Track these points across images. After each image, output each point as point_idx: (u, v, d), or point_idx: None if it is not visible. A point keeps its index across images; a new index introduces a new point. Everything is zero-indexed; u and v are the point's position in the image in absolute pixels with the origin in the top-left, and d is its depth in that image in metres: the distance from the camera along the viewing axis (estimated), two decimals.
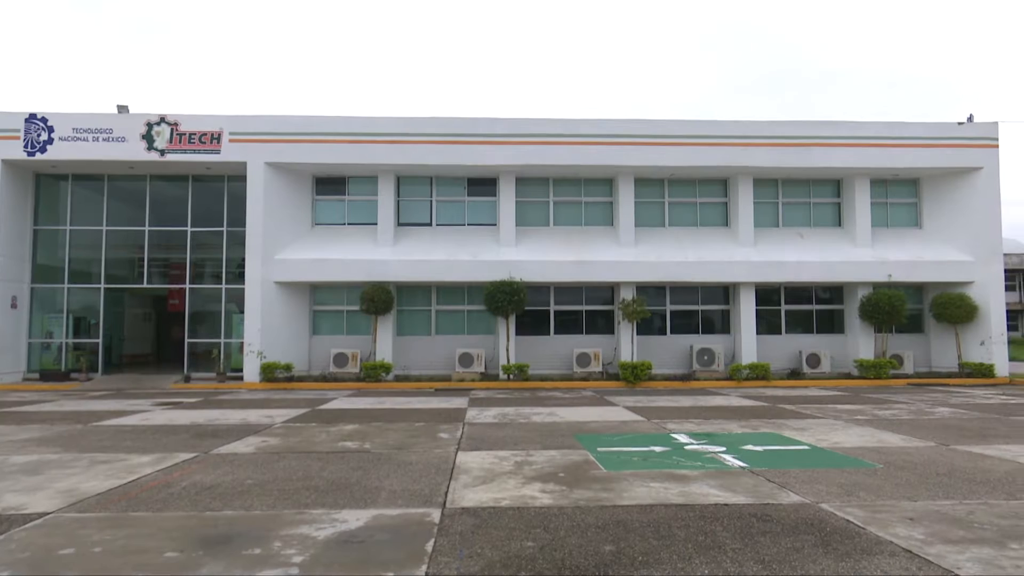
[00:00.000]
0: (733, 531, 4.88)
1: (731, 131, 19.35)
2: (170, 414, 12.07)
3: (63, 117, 18.37)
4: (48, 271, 19.71)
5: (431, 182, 20.25)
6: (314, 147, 18.76)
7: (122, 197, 20.01)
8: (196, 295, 19.97)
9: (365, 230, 19.75)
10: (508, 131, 19.01)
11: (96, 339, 19.73)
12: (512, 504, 5.63)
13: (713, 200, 20.67)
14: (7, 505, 5.61)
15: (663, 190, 20.53)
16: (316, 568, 4.13)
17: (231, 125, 18.58)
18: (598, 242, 19.74)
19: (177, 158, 18.44)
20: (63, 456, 7.84)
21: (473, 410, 12.59)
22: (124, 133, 18.35)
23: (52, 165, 18.87)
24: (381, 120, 19.03)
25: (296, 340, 19.19)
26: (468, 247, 19.33)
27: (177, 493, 6.03)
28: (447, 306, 20.11)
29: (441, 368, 19.44)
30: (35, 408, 12.99)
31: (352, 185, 20.08)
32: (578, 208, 20.49)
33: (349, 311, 19.71)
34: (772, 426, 10.41)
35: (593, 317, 20.28)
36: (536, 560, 4.27)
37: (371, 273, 18.67)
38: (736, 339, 19.90)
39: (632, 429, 10.16)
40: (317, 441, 8.96)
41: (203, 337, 19.95)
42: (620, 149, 19.11)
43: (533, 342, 19.70)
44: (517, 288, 18.23)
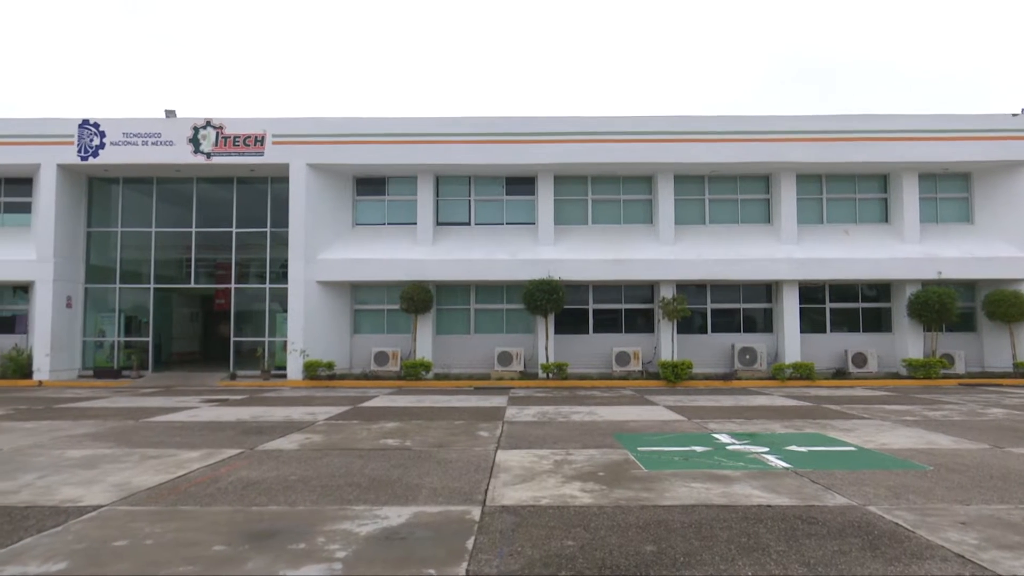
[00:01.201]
0: (777, 533, 4.81)
1: (773, 126, 19.02)
2: (217, 411, 12.35)
3: (114, 122, 18.94)
4: (101, 272, 20.35)
5: (470, 181, 20.34)
6: (354, 148, 19.01)
7: (170, 199, 20.55)
8: (241, 295, 20.41)
9: (405, 230, 19.94)
10: (546, 129, 18.99)
11: (146, 338, 20.30)
12: (552, 503, 5.63)
13: (755, 197, 20.35)
14: (64, 497, 5.81)
15: (703, 187, 20.28)
16: (359, 564, 4.18)
17: (274, 127, 18.94)
18: (637, 240, 19.59)
19: (222, 160, 18.86)
20: (116, 451, 8.09)
21: (512, 409, 12.61)
22: (172, 137, 18.84)
23: (104, 169, 19.46)
24: (420, 120, 19.19)
25: (338, 339, 19.47)
26: (506, 246, 19.37)
27: (224, 488, 6.17)
28: (486, 305, 20.18)
29: (480, 367, 19.52)
30: (89, 404, 13.43)
31: (392, 185, 20.29)
32: (617, 206, 20.37)
33: (389, 310, 19.92)
34: (817, 426, 10.21)
35: (632, 316, 20.13)
36: (576, 559, 4.26)
37: (410, 272, 18.85)
38: (779, 338, 19.56)
39: (673, 429, 10.07)
40: (359, 438, 9.07)
41: (248, 336, 20.39)
42: (659, 146, 18.93)
43: (572, 341, 19.65)
44: (555, 287, 18.20)
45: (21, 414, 11.77)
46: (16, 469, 7.02)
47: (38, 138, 18.92)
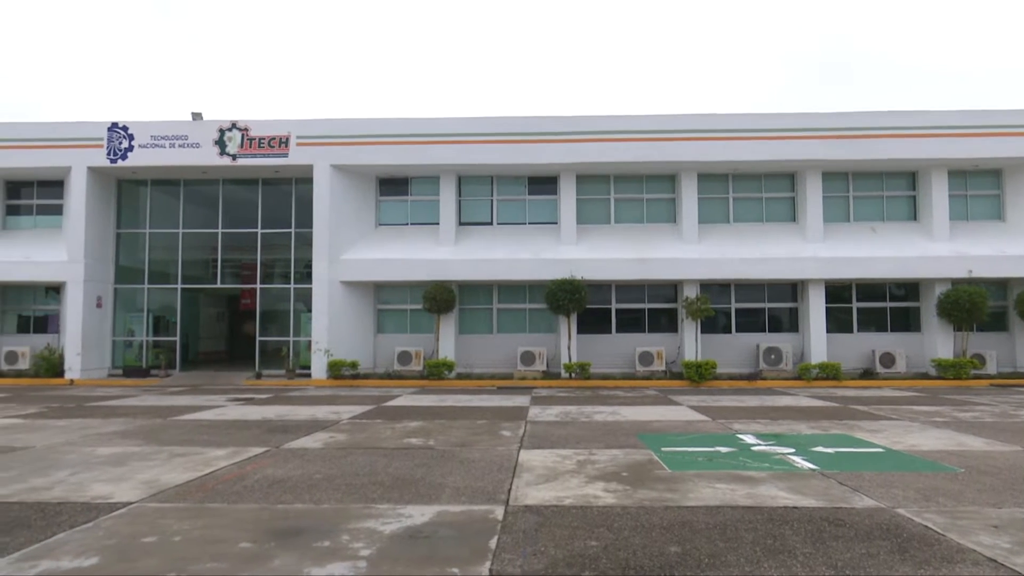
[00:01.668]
0: (803, 535, 4.75)
1: (798, 124, 18.80)
2: (243, 409, 12.50)
3: (142, 125, 19.25)
4: (130, 272, 20.70)
5: (492, 181, 20.37)
6: (377, 149, 19.13)
7: (197, 200, 20.84)
8: (266, 294, 20.64)
9: (427, 230, 20.02)
10: (568, 129, 18.96)
11: (174, 337, 20.61)
12: (575, 503, 5.62)
13: (779, 195, 20.13)
14: (95, 494, 5.92)
15: (727, 185, 20.10)
16: (383, 562, 4.21)
17: (298, 129, 19.12)
18: (660, 239, 19.48)
19: (247, 162, 19.08)
20: (145, 449, 8.22)
21: (535, 408, 12.61)
22: (198, 139, 19.10)
23: (132, 171, 19.78)
24: (442, 121, 19.26)
25: (361, 338, 19.60)
26: (529, 246, 19.36)
27: (250, 486, 6.25)
28: (508, 305, 20.19)
29: (503, 366, 19.54)
30: (119, 402, 13.66)
31: (414, 185, 20.38)
32: (639, 205, 20.27)
33: (412, 310, 20.01)
34: (844, 427, 10.08)
35: (655, 315, 20.02)
36: (600, 559, 4.25)
37: (433, 272, 18.92)
38: (805, 338, 19.33)
39: (697, 429, 10.00)
40: (382, 437, 9.13)
41: (273, 335, 20.61)
42: (682, 145, 18.80)
43: (595, 340, 19.59)
44: (578, 287, 18.16)
45: (53, 412, 12.01)
46: (49, 466, 7.16)
47: (69, 141, 19.29)
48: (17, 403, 13.51)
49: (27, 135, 19.40)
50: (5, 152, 19.38)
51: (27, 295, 20.81)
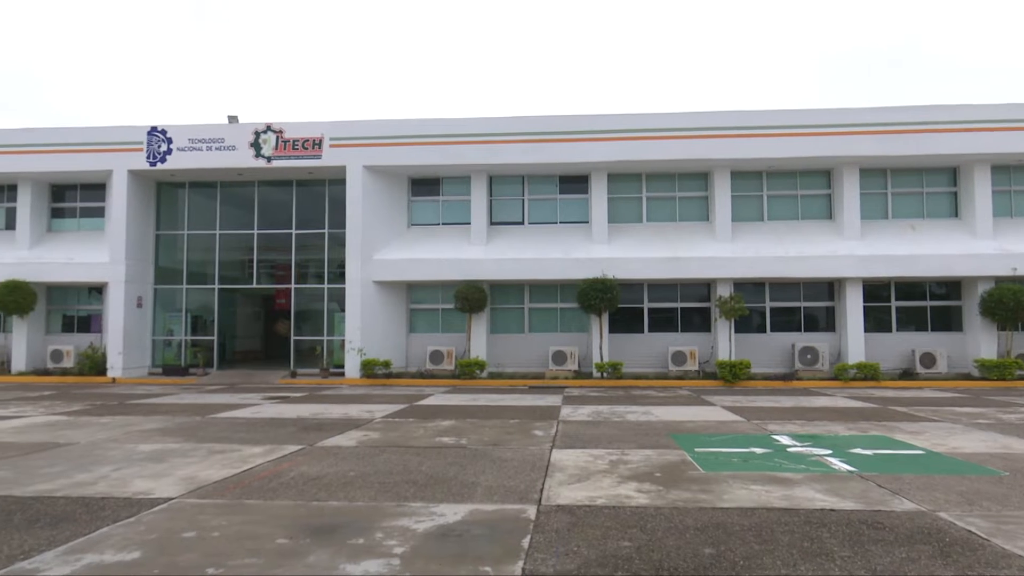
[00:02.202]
0: (841, 538, 4.67)
1: (834, 120, 18.46)
2: (278, 408, 12.69)
3: (180, 129, 19.64)
4: (168, 273, 21.15)
5: (523, 181, 20.37)
6: (409, 150, 19.25)
7: (233, 202, 21.20)
8: (301, 294, 20.92)
9: (459, 230, 20.10)
10: (599, 128, 18.87)
11: (211, 336, 21.00)
12: (608, 503, 5.60)
13: (815, 192, 19.79)
14: (137, 490, 6.06)
15: (761, 183, 19.83)
16: (416, 560, 4.24)
17: (331, 131, 19.34)
18: (693, 238, 19.29)
19: (282, 164, 19.35)
20: (184, 446, 8.39)
21: (567, 408, 12.59)
22: (234, 142, 19.42)
23: (171, 174, 20.20)
24: (473, 121, 19.31)
25: (394, 337, 19.75)
26: (560, 245, 19.33)
27: (286, 483, 6.34)
28: (540, 304, 20.17)
29: (534, 366, 19.53)
30: (158, 400, 13.97)
31: (446, 186, 20.48)
32: (672, 204, 20.10)
33: (444, 309, 20.10)
34: (882, 429, 9.88)
35: (688, 314, 19.83)
36: (633, 560, 4.23)
37: (465, 272, 18.99)
38: (842, 337, 18.98)
39: (731, 429, 9.89)
40: (415, 436, 9.19)
41: (307, 335, 20.89)
42: (716, 142, 18.60)
43: (627, 340, 19.47)
44: (610, 286, 18.08)
45: (97, 409, 12.32)
46: (93, 462, 7.35)
47: (110, 145, 19.76)
48: (62, 400, 13.89)
49: (70, 139, 19.93)
50: (50, 156, 19.94)
51: (71, 295, 21.39)
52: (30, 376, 19.51)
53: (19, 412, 11.84)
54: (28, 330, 20.16)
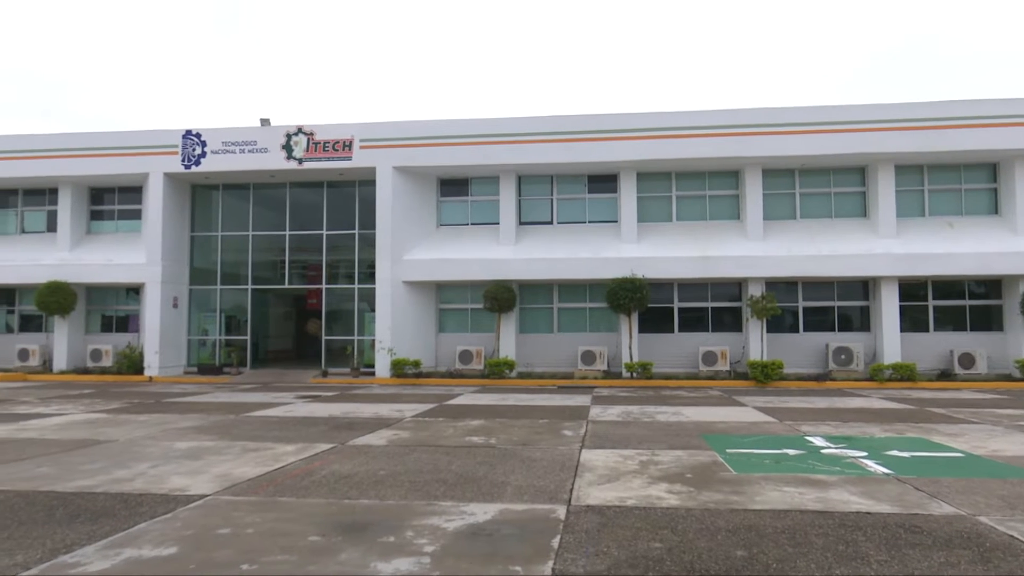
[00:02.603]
0: (877, 541, 4.59)
1: (869, 115, 18.12)
2: (310, 407, 12.84)
3: (214, 132, 19.98)
4: (203, 274, 21.53)
5: (551, 181, 20.35)
6: (438, 150, 19.35)
7: (265, 204, 21.52)
8: (331, 295, 21.16)
9: (487, 230, 20.14)
10: (628, 126, 18.77)
11: (245, 336, 21.34)
12: (638, 504, 5.57)
13: (849, 190, 19.45)
14: (173, 486, 6.18)
15: (793, 181, 19.55)
16: (446, 558, 4.26)
17: (361, 132, 19.51)
18: (724, 237, 19.09)
19: (313, 166, 19.58)
20: (218, 443, 8.54)
21: (596, 408, 12.54)
22: (266, 144, 19.70)
23: (205, 176, 20.56)
24: (502, 121, 19.34)
25: (423, 337, 19.86)
26: (589, 244, 19.26)
27: (318, 481, 6.41)
28: (569, 304, 20.13)
29: (563, 365, 19.50)
30: (194, 399, 14.22)
31: (475, 186, 20.54)
32: (702, 202, 19.91)
33: (473, 309, 20.16)
34: (920, 431, 9.68)
35: (719, 314, 19.63)
36: (664, 561, 4.20)
37: (493, 272, 19.02)
38: (877, 337, 18.63)
39: (763, 430, 9.77)
40: (445, 435, 9.24)
41: (338, 334, 21.11)
42: (747, 140, 18.38)
43: (656, 340, 19.33)
44: (639, 285, 17.97)
45: (134, 407, 12.59)
46: (131, 459, 7.51)
47: (146, 149, 20.19)
48: (102, 399, 14.22)
49: (108, 144, 20.41)
50: (89, 160, 20.44)
51: (110, 296, 21.89)
52: (71, 375, 20.01)
53: (60, 410, 12.15)
54: (69, 330, 20.67)
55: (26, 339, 21.35)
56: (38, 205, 22.12)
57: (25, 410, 12.12)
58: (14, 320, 22.11)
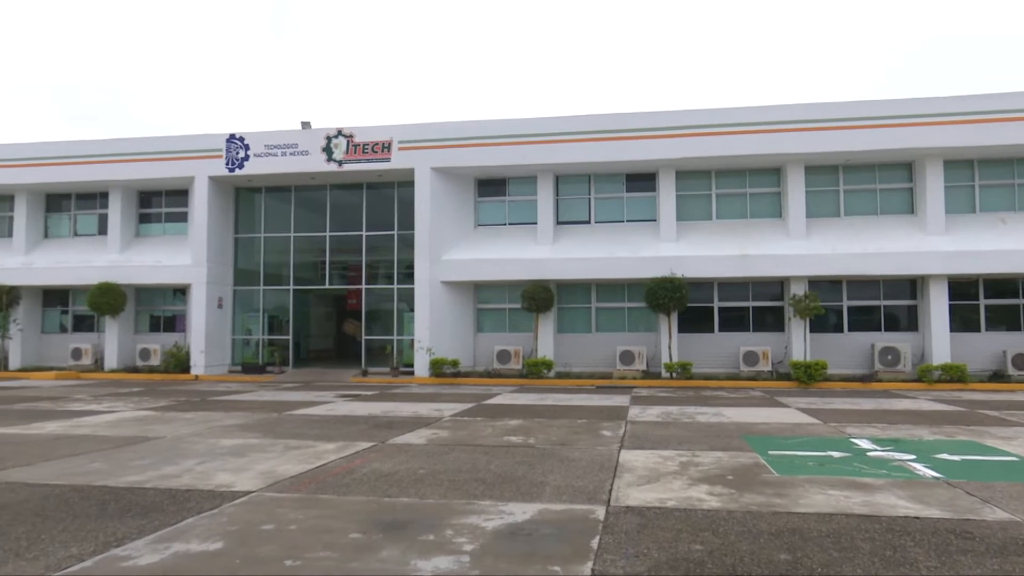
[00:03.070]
0: (927, 547, 4.47)
1: (915, 109, 17.62)
2: (351, 405, 13.01)
3: (256, 135, 20.38)
4: (247, 274, 21.98)
5: (589, 180, 20.27)
6: (476, 151, 19.42)
7: (306, 205, 21.88)
8: (371, 295, 21.41)
9: (525, 229, 20.14)
10: (667, 124, 18.59)
11: (287, 336, 21.72)
12: (678, 505, 5.52)
13: (896, 186, 18.96)
14: (220, 483, 6.32)
15: (837, 177, 19.13)
16: (486, 557, 4.28)
17: (399, 134, 19.69)
18: (765, 235, 18.78)
19: (353, 167, 19.83)
20: (262, 441, 8.71)
21: (635, 408, 12.46)
22: (307, 147, 20.02)
23: (248, 179, 20.99)
24: (539, 120, 19.32)
25: (462, 337, 19.96)
26: (627, 244, 19.13)
27: (359, 479, 6.49)
28: (607, 303, 20.02)
29: (601, 365, 19.40)
30: (238, 397, 14.53)
31: (512, 186, 20.56)
32: (742, 200, 19.61)
33: (511, 309, 20.19)
34: (971, 433, 9.39)
35: (761, 314, 19.32)
36: (705, 564, 4.15)
37: (531, 271, 19.02)
38: (925, 337, 18.13)
39: (806, 432, 9.59)
40: (483, 435, 9.27)
41: (378, 334, 21.35)
42: (788, 136, 18.05)
43: (696, 340, 19.11)
44: (678, 285, 17.79)
45: (181, 405, 12.91)
46: (179, 455, 7.71)
47: (192, 153, 20.69)
48: (150, 397, 14.61)
49: (156, 148, 20.97)
50: (138, 165, 21.03)
51: (158, 296, 22.49)
52: (121, 373, 20.62)
53: (111, 407, 12.52)
54: (119, 330, 21.30)
55: (79, 339, 22.07)
56: (90, 209, 22.85)
57: (79, 407, 12.53)
58: (68, 320, 22.87)
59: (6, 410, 12.08)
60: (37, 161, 21.58)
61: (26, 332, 22.08)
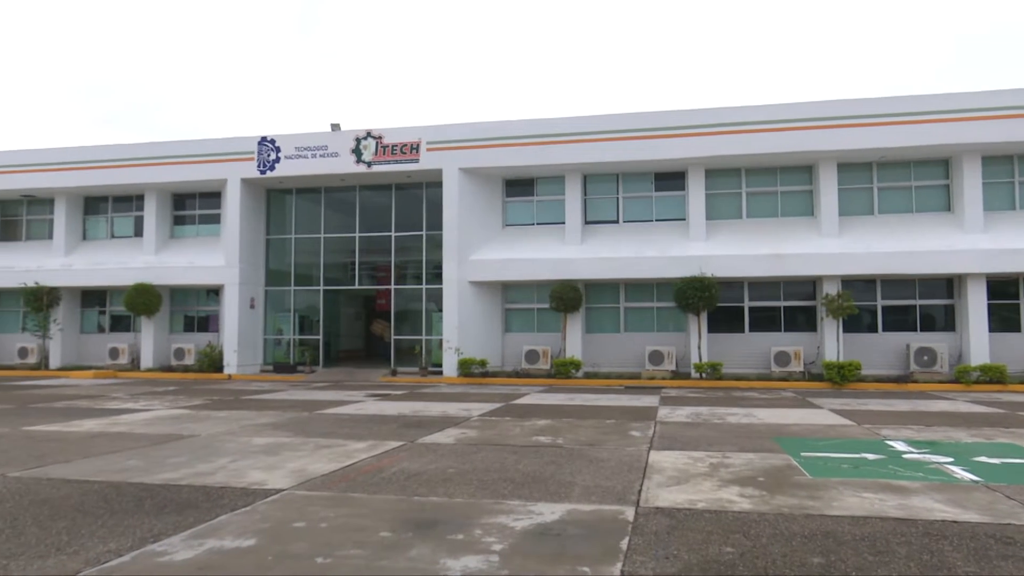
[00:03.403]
0: (965, 552, 4.37)
1: (952, 105, 17.24)
2: (380, 405, 13.11)
3: (287, 138, 20.64)
4: (278, 275, 22.28)
5: (617, 179, 20.17)
6: (503, 151, 19.45)
7: (336, 207, 22.11)
8: (400, 295, 21.56)
9: (553, 229, 20.11)
10: (696, 122, 18.42)
11: (317, 336, 21.97)
12: (708, 507, 5.47)
13: (931, 183, 18.56)
14: (252, 480, 6.42)
15: (871, 175, 18.79)
16: (514, 557, 4.28)
17: (428, 135, 19.80)
18: (796, 233, 18.52)
19: (382, 169, 19.99)
20: (293, 440, 8.82)
21: (664, 409, 12.37)
22: (337, 149, 20.23)
23: (279, 181, 21.27)
24: (567, 120, 19.28)
25: (490, 337, 20.00)
26: (656, 243, 19.00)
27: (388, 478, 6.54)
28: (636, 303, 19.91)
29: (630, 366, 19.30)
30: (270, 396, 14.73)
31: (540, 186, 20.55)
32: (773, 198, 19.36)
33: (539, 309, 20.18)
34: (1010, 436, 9.16)
35: (792, 313, 19.05)
36: (736, 566, 4.11)
37: (559, 271, 18.99)
38: (963, 337, 17.72)
39: (840, 434, 9.43)
40: (511, 435, 9.28)
41: (407, 334, 21.49)
42: (821, 133, 17.77)
43: (726, 340, 18.92)
44: (708, 284, 17.63)
45: (215, 404, 13.13)
46: (213, 453, 7.84)
47: (225, 155, 21.03)
48: (184, 395, 14.88)
49: (190, 151, 21.36)
50: (173, 167, 21.45)
51: (191, 297, 22.91)
52: (156, 372, 21.03)
53: (148, 406, 12.78)
54: (155, 329, 21.73)
55: (116, 338, 22.56)
56: (126, 211, 23.35)
57: (116, 405, 12.81)
58: (105, 320, 23.40)
59: (47, 408, 12.40)
60: (76, 165, 22.12)
61: (66, 332, 22.63)
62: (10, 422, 10.40)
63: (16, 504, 5.54)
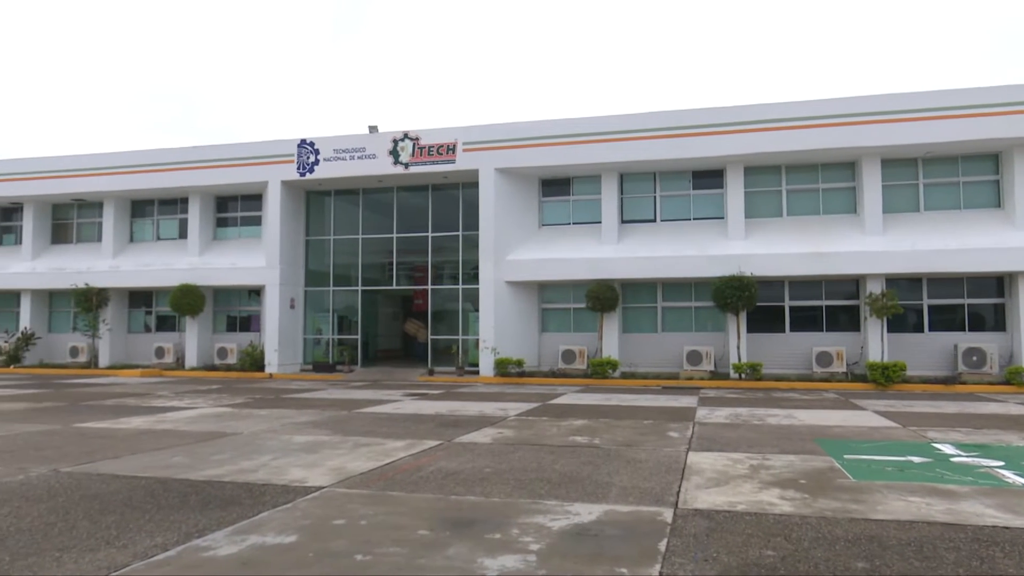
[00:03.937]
0: (1018, 559, 4.23)
1: (1003, 98, 16.68)
2: (418, 404, 13.22)
3: (326, 140, 20.93)
4: (317, 276, 22.62)
5: (654, 178, 20.01)
6: (540, 151, 19.43)
7: (374, 208, 22.36)
8: (437, 295, 21.70)
9: (589, 229, 20.04)
10: (735, 119, 18.17)
11: (356, 335, 22.24)
12: (748, 509, 5.39)
13: (980, 178, 18.01)
14: (293, 478, 6.52)
15: (916, 171, 18.31)
16: (552, 557, 4.28)
17: (464, 136, 19.89)
18: (839, 231, 18.13)
19: (419, 170, 20.15)
20: (332, 438, 8.94)
21: (703, 409, 12.23)
22: (374, 150, 20.45)
23: (318, 183, 21.58)
24: (603, 119, 19.19)
25: (526, 337, 20.01)
26: (694, 242, 18.79)
27: (426, 476, 6.59)
28: (673, 303, 19.72)
29: (668, 366, 19.12)
30: (309, 395, 14.95)
31: (576, 185, 20.49)
32: (814, 196, 18.99)
33: (576, 308, 20.12)
34: None
35: (834, 313, 18.67)
36: (777, 569, 4.05)
37: (596, 271, 18.91)
38: (1014, 337, 17.15)
39: (884, 436, 9.22)
40: (548, 434, 9.27)
41: (443, 334, 21.62)
42: (864, 129, 17.36)
43: (766, 340, 18.62)
44: (747, 283, 17.37)
45: (256, 402, 13.38)
46: (255, 451, 8.00)
47: (265, 158, 21.43)
48: (227, 394, 15.20)
49: (232, 155, 21.83)
50: (216, 171, 21.94)
51: (234, 297, 23.39)
52: (200, 371, 21.52)
53: (192, 404, 13.08)
54: (199, 329, 22.25)
55: (161, 338, 23.16)
56: (171, 214, 23.96)
57: (161, 403, 13.14)
58: (151, 320, 24.03)
59: (97, 406, 12.78)
60: (124, 169, 22.75)
61: (114, 332, 23.31)
62: (63, 419, 10.74)
63: (68, 498, 5.72)
